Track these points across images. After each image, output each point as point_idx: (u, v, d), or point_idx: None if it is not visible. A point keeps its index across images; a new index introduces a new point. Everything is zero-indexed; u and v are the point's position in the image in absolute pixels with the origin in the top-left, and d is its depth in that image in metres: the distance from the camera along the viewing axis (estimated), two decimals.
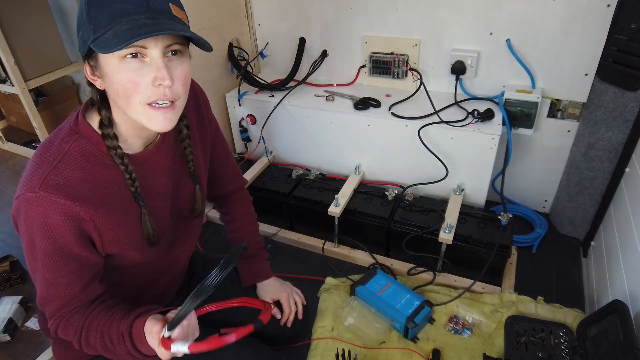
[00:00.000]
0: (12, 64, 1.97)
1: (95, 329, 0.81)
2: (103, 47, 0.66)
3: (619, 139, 1.41)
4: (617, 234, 1.33)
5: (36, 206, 0.71)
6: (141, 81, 0.69)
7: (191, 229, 1.02)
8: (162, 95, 0.71)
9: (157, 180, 0.87)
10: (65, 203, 0.72)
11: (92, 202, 0.75)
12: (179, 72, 0.73)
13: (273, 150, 1.96)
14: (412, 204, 1.62)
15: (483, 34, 1.57)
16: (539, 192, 1.82)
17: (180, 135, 0.91)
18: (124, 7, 0.65)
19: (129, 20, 0.66)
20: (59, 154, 0.74)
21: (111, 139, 0.77)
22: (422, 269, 1.56)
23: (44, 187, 0.71)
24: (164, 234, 0.91)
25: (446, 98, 1.70)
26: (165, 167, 0.89)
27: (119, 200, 0.80)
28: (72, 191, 0.73)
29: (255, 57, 2.04)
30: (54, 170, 0.72)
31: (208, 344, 0.72)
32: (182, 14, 0.72)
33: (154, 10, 0.67)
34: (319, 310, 1.42)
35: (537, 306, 1.35)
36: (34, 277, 0.79)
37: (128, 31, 0.65)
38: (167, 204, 0.91)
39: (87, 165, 0.76)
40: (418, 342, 1.30)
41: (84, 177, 0.75)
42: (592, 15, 1.39)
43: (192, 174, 0.95)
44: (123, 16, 0.65)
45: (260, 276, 1.20)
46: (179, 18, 0.71)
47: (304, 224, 1.79)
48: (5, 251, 1.79)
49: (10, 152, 2.62)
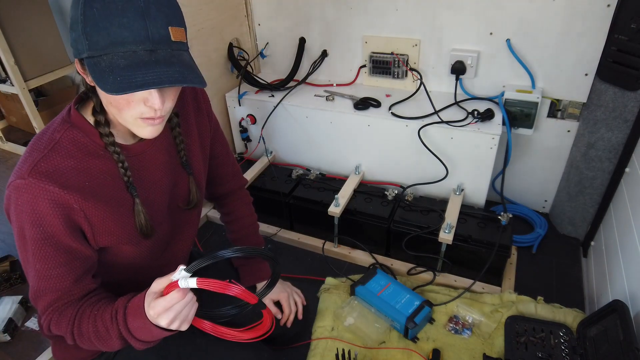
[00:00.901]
0: (12, 64, 1.97)
1: (88, 315, 0.79)
2: (99, 80, 0.65)
3: (619, 139, 1.41)
4: (617, 234, 1.33)
5: (25, 193, 0.71)
6: (133, 99, 0.70)
7: (188, 222, 1.01)
8: (153, 114, 0.72)
9: (152, 174, 0.87)
10: (54, 190, 0.72)
11: (82, 191, 0.75)
12: (170, 93, 0.73)
13: (273, 150, 1.96)
14: (412, 204, 1.62)
15: (483, 34, 1.57)
16: (538, 192, 1.82)
17: (170, 124, 0.90)
18: (122, 34, 0.64)
19: (127, 52, 0.64)
20: (50, 142, 0.74)
21: (103, 126, 0.77)
22: (422, 269, 1.56)
23: (33, 174, 0.71)
24: (161, 228, 0.91)
25: (446, 98, 1.70)
26: (161, 160, 0.88)
27: (111, 190, 0.80)
28: (61, 179, 0.73)
29: (255, 57, 2.04)
30: (44, 158, 0.72)
31: (215, 283, 0.71)
32: (180, 34, 0.70)
33: (152, 40, 0.65)
34: (319, 310, 1.42)
35: (537, 306, 1.35)
36: (26, 269, 0.78)
37: (126, 70, 0.64)
38: (164, 198, 0.91)
39: (78, 155, 0.76)
40: (418, 342, 1.30)
41: (74, 166, 0.75)
42: (592, 15, 1.39)
43: (184, 164, 0.94)
44: (120, 45, 0.64)
45: (260, 276, 1.20)
46: (178, 42, 0.69)
47: (304, 224, 1.79)
48: (5, 251, 1.79)
49: (10, 152, 2.62)
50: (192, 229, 1.05)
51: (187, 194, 0.97)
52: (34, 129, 2.17)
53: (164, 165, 0.89)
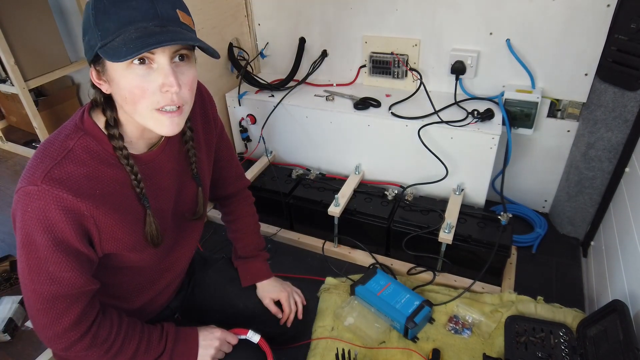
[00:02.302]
0: (12, 64, 1.97)
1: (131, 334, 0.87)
2: (112, 55, 0.65)
3: (619, 139, 1.41)
4: (616, 233, 1.33)
5: (37, 199, 0.70)
6: (149, 87, 0.70)
7: (192, 231, 1.02)
8: (169, 101, 0.72)
9: (160, 181, 0.87)
10: (67, 197, 0.71)
11: (93, 198, 0.75)
12: (186, 78, 0.73)
13: (273, 150, 1.96)
14: (412, 204, 1.62)
15: (483, 34, 1.58)
16: (538, 192, 1.82)
17: (184, 137, 0.91)
18: (132, 14, 0.65)
19: (138, 28, 0.66)
20: (63, 149, 0.74)
21: (117, 139, 0.77)
22: (422, 268, 1.56)
23: (46, 181, 0.70)
24: (165, 235, 0.91)
25: (446, 98, 1.70)
26: (170, 168, 0.89)
27: (122, 199, 0.80)
28: (74, 186, 0.72)
29: (255, 57, 2.04)
30: (57, 165, 0.72)
31: (267, 347, 1.02)
32: (188, 20, 0.72)
33: (162, 17, 0.67)
34: (319, 310, 1.43)
35: (536, 306, 1.35)
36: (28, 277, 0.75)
37: (138, 40, 0.65)
38: (169, 205, 0.91)
39: (91, 163, 0.76)
40: (418, 342, 1.30)
41: (87, 174, 0.75)
42: (592, 15, 1.39)
43: (195, 176, 0.95)
44: (131, 24, 0.66)
45: (260, 276, 1.20)
46: (186, 24, 0.71)
47: (303, 224, 1.79)
48: (5, 251, 1.79)
49: (10, 152, 2.62)
50: (195, 237, 1.05)
51: (193, 204, 0.98)
52: (34, 129, 2.17)
53: (171, 172, 0.89)
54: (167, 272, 1.01)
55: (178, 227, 0.96)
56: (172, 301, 1.13)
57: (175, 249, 0.99)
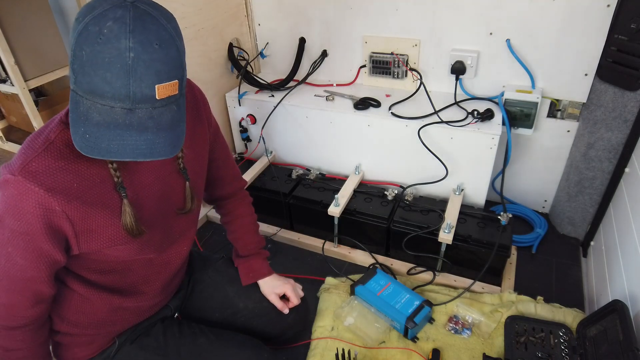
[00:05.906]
0: (12, 64, 1.97)
1: None
2: (73, 122, 0.68)
3: (619, 139, 1.41)
4: (616, 234, 1.33)
5: (12, 188, 0.72)
6: None
7: (184, 228, 1.01)
8: None
9: (144, 177, 0.87)
10: (39, 192, 0.73)
11: (67, 192, 0.76)
12: None
13: (273, 150, 1.96)
14: (412, 204, 1.62)
15: (483, 34, 1.58)
16: (538, 192, 1.82)
17: None
18: (103, 87, 0.64)
19: (104, 107, 0.65)
20: (45, 142, 0.75)
21: None
22: (421, 268, 1.56)
23: (22, 172, 0.72)
24: (153, 231, 0.91)
25: (446, 98, 1.70)
26: (154, 165, 0.88)
27: (99, 193, 0.81)
28: (48, 180, 0.74)
29: (255, 57, 2.04)
30: (37, 157, 0.74)
31: None
32: (171, 88, 0.68)
33: (133, 99, 0.65)
34: (319, 310, 1.43)
35: (536, 306, 1.35)
36: None
37: (97, 127, 0.66)
38: (154, 202, 0.91)
39: (70, 156, 0.77)
40: (418, 342, 1.30)
41: (64, 167, 0.76)
42: (592, 15, 1.39)
43: (182, 170, 0.95)
44: (100, 97, 0.65)
45: (261, 274, 1.20)
46: (164, 98, 0.68)
47: (303, 223, 1.79)
48: None
49: (10, 152, 2.62)
50: (190, 232, 1.05)
51: (183, 199, 0.98)
52: (34, 129, 2.17)
53: (156, 169, 0.89)
54: (162, 271, 1.01)
55: (168, 222, 0.96)
56: (172, 301, 1.13)
57: (170, 244, 0.99)
